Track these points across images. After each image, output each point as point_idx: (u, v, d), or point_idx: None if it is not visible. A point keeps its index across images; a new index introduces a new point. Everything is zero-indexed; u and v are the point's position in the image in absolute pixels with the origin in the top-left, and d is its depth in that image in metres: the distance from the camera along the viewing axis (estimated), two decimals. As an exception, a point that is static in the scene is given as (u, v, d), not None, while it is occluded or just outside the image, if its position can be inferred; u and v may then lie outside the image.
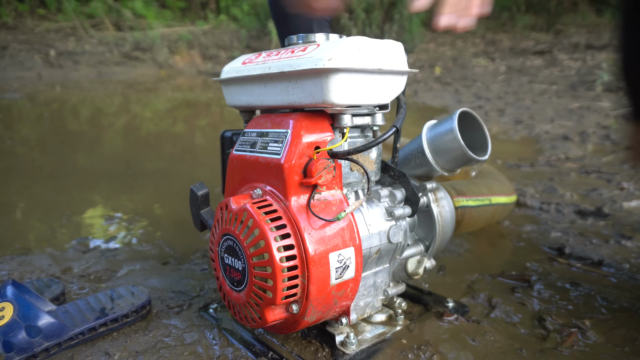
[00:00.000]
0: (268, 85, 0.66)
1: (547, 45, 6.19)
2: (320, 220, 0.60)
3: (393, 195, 0.73)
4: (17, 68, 5.56)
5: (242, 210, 0.60)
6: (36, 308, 0.71)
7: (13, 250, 1.15)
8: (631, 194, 1.51)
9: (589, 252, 1.08)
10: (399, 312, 0.77)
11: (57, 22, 6.95)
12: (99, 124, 3.31)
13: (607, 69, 4.10)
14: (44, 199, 1.63)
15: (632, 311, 0.82)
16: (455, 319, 0.79)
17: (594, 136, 2.50)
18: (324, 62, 0.57)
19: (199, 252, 1.13)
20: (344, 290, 0.63)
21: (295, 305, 0.61)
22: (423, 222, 0.81)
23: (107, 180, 1.87)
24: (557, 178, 1.75)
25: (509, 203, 1.17)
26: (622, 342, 0.73)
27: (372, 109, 0.68)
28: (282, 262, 0.57)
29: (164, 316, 0.82)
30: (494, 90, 4.35)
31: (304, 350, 0.71)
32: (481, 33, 7.65)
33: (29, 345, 0.68)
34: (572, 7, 7.86)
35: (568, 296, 0.88)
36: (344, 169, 0.67)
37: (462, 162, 0.75)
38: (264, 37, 7.10)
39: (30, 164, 2.14)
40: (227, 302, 0.68)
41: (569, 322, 0.78)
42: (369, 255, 0.69)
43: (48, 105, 3.95)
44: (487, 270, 1.01)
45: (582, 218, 1.32)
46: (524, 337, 0.75)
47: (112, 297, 0.81)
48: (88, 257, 1.10)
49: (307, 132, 0.61)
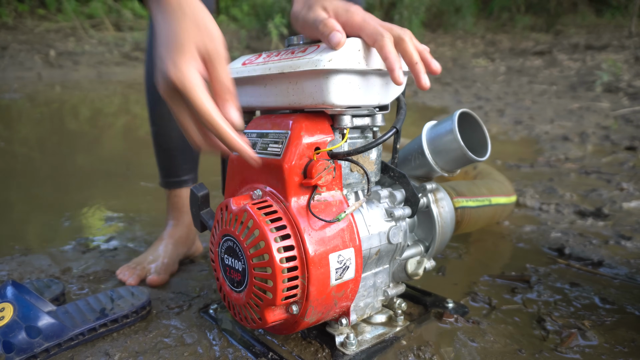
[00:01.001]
0: (268, 86, 0.66)
1: (546, 45, 6.20)
2: (320, 221, 0.60)
3: (393, 196, 0.73)
4: (17, 68, 5.56)
5: (242, 211, 0.60)
6: (36, 308, 0.71)
7: (13, 250, 1.15)
8: (631, 195, 1.51)
9: (588, 252, 1.08)
10: (399, 313, 0.77)
11: (57, 22, 6.95)
12: (98, 124, 3.31)
13: (607, 69, 4.11)
14: (43, 199, 1.63)
15: (631, 312, 0.82)
16: (455, 319, 0.79)
17: (594, 137, 2.50)
18: (324, 63, 0.57)
19: (199, 253, 1.13)
20: (344, 291, 0.63)
21: (295, 306, 0.61)
22: (423, 223, 0.81)
23: (106, 180, 1.87)
24: (557, 178, 1.75)
25: (509, 204, 1.17)
26: (622, 343, 0.73)
27: (372, 110, 0.68)
28: (282, 263, 0.57)
29: (164, 317, 0.82)
30: (494, 91, 4.36)
31: (304, 350, 0.71)
32: (481, 33, 7.66)
33: (29, 346, 0.68)
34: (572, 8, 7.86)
35: (568, 297, 0.88)
36: (344, 169, 0.67)
37: (462, 162, 0.75)
38: (263, 37, 7.10)
39: (30, 164, 2.14)
40: (227, 303, 0.68)
41: (569, 323, 0.79)
42: (368, 256, 0.69)
43: (48, 105, 3.96)
44: (486, 271, 1.01)
45: (581, 218, 1.32)
46: (523, 337, 0.75)
47: (112, 297, 0.81)
48: (88, 258, 1.10)
49: (307, 133, 0.61)
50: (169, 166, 1.03)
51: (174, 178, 1.03)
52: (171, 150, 1.01)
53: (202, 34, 0.52)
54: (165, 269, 0.97)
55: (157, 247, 1.02)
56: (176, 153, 1.01)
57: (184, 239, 1.05)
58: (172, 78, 0.51)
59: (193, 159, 1.05)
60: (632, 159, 2.02)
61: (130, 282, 0.94)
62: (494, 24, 8.04)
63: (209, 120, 0.52)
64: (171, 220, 1.06)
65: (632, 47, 5.27)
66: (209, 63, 0.53)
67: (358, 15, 0.59)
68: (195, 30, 0.52)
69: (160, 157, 1.03)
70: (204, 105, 0.52)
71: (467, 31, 7.83)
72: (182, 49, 0.51)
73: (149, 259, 0.99)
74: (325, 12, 0.61)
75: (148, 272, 0.96)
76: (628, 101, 3.44)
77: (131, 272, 0.96)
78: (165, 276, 0.96)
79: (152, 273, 0.95)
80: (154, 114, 0.99)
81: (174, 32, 0.52)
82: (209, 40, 0.52)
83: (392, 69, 0.56)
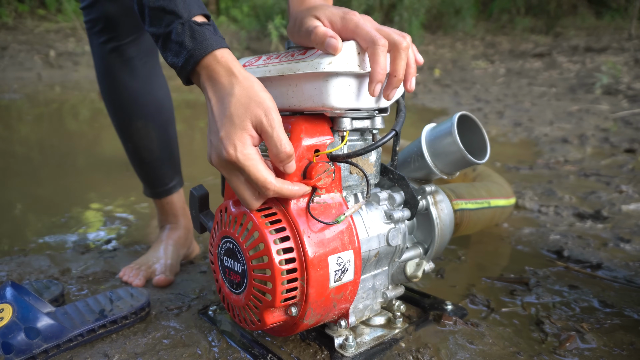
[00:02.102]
0: (268, 89, 0.66)
1: (546, 47, 6.21)
2: (320, 223, 0.60)
3: (392, 198, 0.73)
4: (16, 68, 5.56)
5: (241, 213, 0.60)
6: (35, 310, 0.71)
7: (12, 251, 1.15)
8: (630, 197, 1.51)
9: (587, 255, 1.08)
10: (398, 315, 0.77)
11: (57, 22, 6.95)
12: (98, 124, 3.31)
13: (607, 71, 4.12)
14: (42, 200, 1.63)
15: (630, 315, 0.82)
16: (453, 322, 0.79)
17: (593, 139, 2.50)
18: (324, 66, 0.57)
19: (198, 254, 1.13)
20: (343, 293, 0.64)
21: (295, 308, 0.61)
22: (422, 225, 0.81)
23: (106, 180, 1.87)
24: (556, 181, 1.75)
25: (508, 206, 1.17)
26: (620, 346, 0.73)
27: (372, 113, 0.68)
28: (282, 264, 0.57)
29: (163, 318, 0.82)
30: (493, 93, 4.36)
31: (303, 352, 0.71)
32: (481, 35, 7.67)
33: (28, 347, 0.68)
34: (572, 10, 7.88)
35: (566, 299, 0.88)
36: (343, 172, 0.67)
37: (461, 165, 0.76)
38: (263, 38, 7.11)
39: (30, 165, 2.14)
40: (227, 305, 0.68)
41: (567, 326, 0.79)
42: (368, 258, 0.69)
43: (47, 105, 3.96)
44: (485, 273, 1.01)
45: (580, 221, 1.32)
46: (522, 340, 0.75)
47: (111, 298, 0.81)
48: (87, 258, 1.10)
49: (306, 135, 0.62)
50: (154, 177, 1.03)
51: (161, 187, 1.03)
52: (154, 162, 1.01)
53: (255, 108, 0.54)
54: (170, 270, 0.98)
55: (158, 248, 1.02)
56: (159, 163, 1.01)
57: (183, 240, 1.06)
58: (231, 159, 0.54)
59: (175, 164, 1.05)
60: (631, 161, 2.02)
61: (137, 283, 0.93)
62: (493, 25, 8.06)
63: (268, 188, 0.55)
64: (168, 224, 1.06)
65: (631, 49, 5.28)
66: (265, 134, 0.55)
67: (352, 21, 0.59)
68: (248, 106, 0.54)
69: (143, 171, 1.03)
70: (263, 178, 0.55)
71: (467, 33, 7.84)
72: (238, 129, 0.54)
73: (152, 260, 0.99)
74: (317, 21, 0.61)
75: (153, 272, 0.96)
76: (627, 103, 3.45)
77: (136, 273, 0.96)
78: (172, 276, 0.97)
79: (158, 274, 0.96)
80: (127, 132, 0.98)
81: (229, 113, 0.54)
82: (263, 113, 0.54)
83: (371, 80, 0.58)
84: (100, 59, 0.93)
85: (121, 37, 0.90)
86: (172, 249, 1.02)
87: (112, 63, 0.92)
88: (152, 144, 0.99)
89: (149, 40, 0.94)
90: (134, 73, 0.94)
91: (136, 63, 0.93)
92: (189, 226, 1.07)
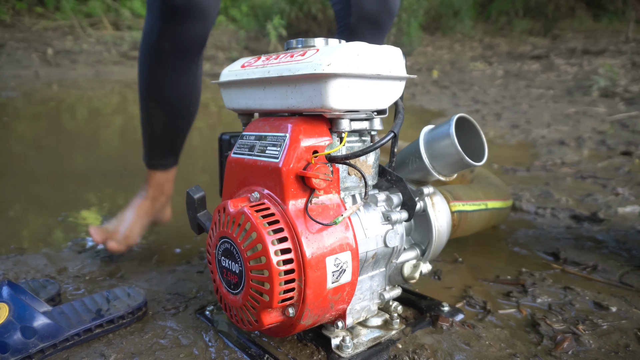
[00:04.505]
0: (267, 89, 0.67)
1: (544, 50, 6.23)
2: (318, 224, 0.60)
3: (390, 199, 0.73)
4: (14, 66, 5.54)
5: (239, 213, 0.60)
6: (32, 309, 0.71)
7: (8, 250, 1.15)
8: (626, 200, 1.52)
9: (583, 257, 1.09)
10: (395, 316, 0.77)
11: (55, 20, 6.93)
12: (95, 123, 3.31)
13: (604, 74, 4.13)
14: (39, 199, 1.63)
15: (626, 317, 0.83)
16: (450, 323, 0.79)
17: (590, 141, 2.51)
18: (323, 67, 0.57)
19: (195, 254, 1.13)
20: (340, 294, 0.64)
21: (292, 309, 0.61)
22: (419, 227, 0.81)
23: (103, 180, 1.87)
24: (553, 183, 1.76)
25: (505, 207, 1.17)
26: (616, 348, 0.73)
27: (370, 114, 0.68)
28: (279, 265, 0.57)
29: (160, 318, 0.82)
30: (491, 94, 4.37)
31: (300, 353, 0.71)
32: (479, 37, 7.69)
33: (24, 346, 0.67)
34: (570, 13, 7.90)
35: (562, 301, 0.89)
36: (342, 173, 0.67)
37: (459, 167, 0.76)
38: (262, 38, 7.11)
39: (26, 163, 2.14)
40: (224, 305, 0.68)
41: (563, 328, 0.79)
42: (365, 259, 0.69)
43: (45, 103, 3.94)
44: (482, 275, 1.01)
45: (577, 223, 1.33)
46: (518, 342, 0.76)
47: (108, 298, 0.81)
48: (83, 258, 1.10)
49: (305, 136, 0.62)
50: (148, 148, 1.15)
51: (148, 160, 1.16)
52: (153, 139, 1.14)
53: None
54: (125, 239, 1.09)
55: (125, 214, 1.13)
56: (157, 142, 1.14)
57: (145, 209, 1.16)
58: None
59: (172, 148, 1.16)
60: (627, 164, 2.03)
61: (96, 239, 1.06)
62: (492, 27, 8.07)
63: None
64: (143, 192, 1.17)
65: (629, 52, 5.30)
66: None
67: None
68: None
69: (144, 138, 1.16)
70: None
71: (465, 34, 7.85)
72: None
73: (115, 224, 1.11)
74: None
75: (111, 237, 1.07)
76: (624, 106, 3.46)
77: (99, 233, 1.07)
78: (123, 247, 1.08)
79: (113, 240, 1.07)
80: (144, 104, 1.10)
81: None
82: None
83: None
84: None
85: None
86: (134, 218, 1.12)
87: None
88: (157, 125, 1.11)
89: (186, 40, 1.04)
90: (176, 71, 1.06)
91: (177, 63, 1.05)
92: (158, 198, 1.17)
